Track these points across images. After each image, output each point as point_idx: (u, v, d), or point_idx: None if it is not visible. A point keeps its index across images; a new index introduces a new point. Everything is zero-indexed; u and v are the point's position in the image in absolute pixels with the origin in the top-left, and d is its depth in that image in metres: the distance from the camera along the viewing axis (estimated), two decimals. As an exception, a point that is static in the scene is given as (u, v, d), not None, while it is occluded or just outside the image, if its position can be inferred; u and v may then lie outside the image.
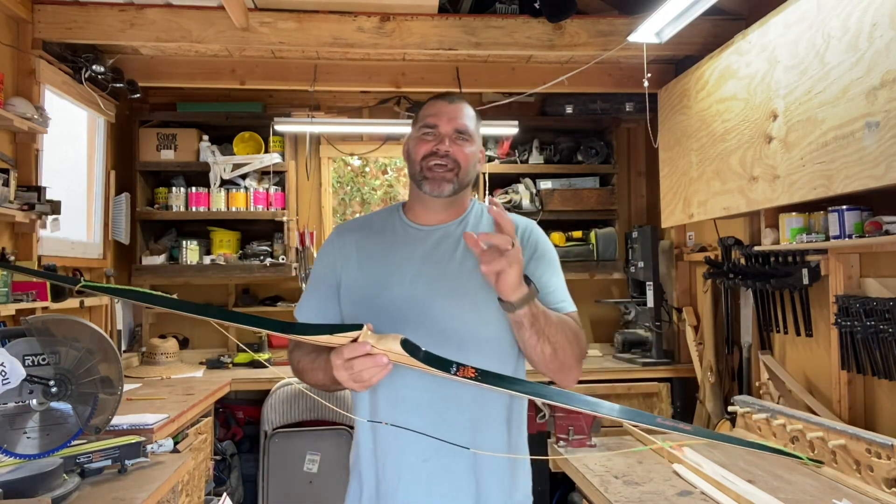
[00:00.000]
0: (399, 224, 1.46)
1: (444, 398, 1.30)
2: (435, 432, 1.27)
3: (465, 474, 1.32)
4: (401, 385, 1.30)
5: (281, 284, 3.97)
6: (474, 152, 1.42)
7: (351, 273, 1.41)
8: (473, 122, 1.43)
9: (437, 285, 1.35)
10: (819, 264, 2.38)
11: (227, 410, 3.58)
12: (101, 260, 3.41)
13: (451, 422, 1.30)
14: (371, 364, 1.10)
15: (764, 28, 2.43)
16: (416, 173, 1.40)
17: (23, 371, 1.61)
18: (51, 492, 1.47)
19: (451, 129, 1.38)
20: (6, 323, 2.42)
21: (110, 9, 2.91)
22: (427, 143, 1.39)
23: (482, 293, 1.31)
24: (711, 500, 1.62)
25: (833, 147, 2.03)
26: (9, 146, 2.66)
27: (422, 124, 1.41)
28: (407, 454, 1.31)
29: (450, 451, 1.27)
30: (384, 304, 1.34)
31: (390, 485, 1.32)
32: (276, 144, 3.76)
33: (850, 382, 2.22)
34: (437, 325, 1.31)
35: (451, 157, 1.37)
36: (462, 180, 1.39)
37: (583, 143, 3.95)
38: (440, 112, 1.40)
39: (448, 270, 1.36)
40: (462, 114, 1.40)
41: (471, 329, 1.32)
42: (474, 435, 1.31)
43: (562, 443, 2.10)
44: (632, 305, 3.78)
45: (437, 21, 3.06)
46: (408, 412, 1.30)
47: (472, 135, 1.41)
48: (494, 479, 1.35)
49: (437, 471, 1.31)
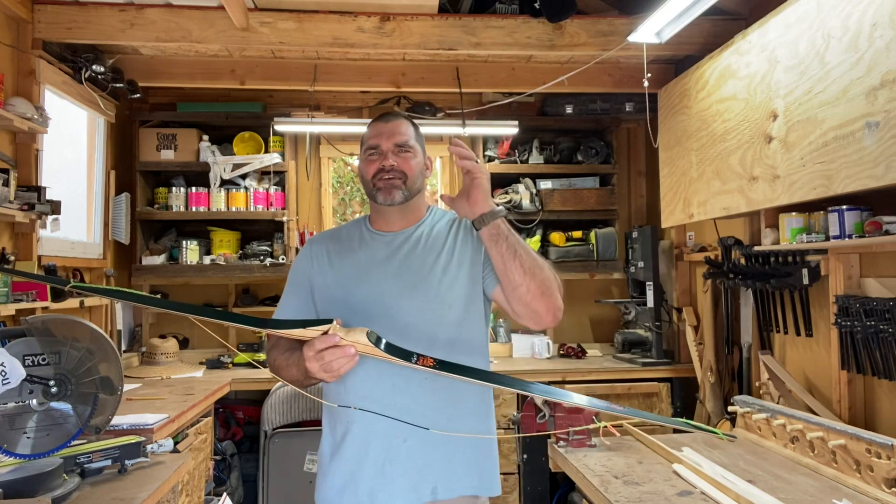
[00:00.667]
0: (366, 233, 1.61)
1: (421, 381, 1.42)
2: (409, 414, 1.39)
3: (443, 446, 1.43)
4: (375, 374, 1.42)
5: (281, 284, 3.90)
6: (419, 162, 1.55)
7: (323, 276, 1.55)
8: (413, 135, 1.56)
9: (401, 282, 1.48)
10: (819, 264, 2.38)
11: (227, 410, 3.58)
12: (101, 260, 3.41)
13: (426, 402, 1.43)
14: (340, 355, 1.21)
15: (764, 28, 2.43)
16: (370, 190, 1.54)
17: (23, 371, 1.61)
18: (51, 492, 1.47)
19: (392, 144, 1.52)
20: (6, 323, 2.42)
21: (110, 9, 2.91)
22: (373, 163, 1.52)
23: (443, 285, 1.46)
24: (711, 500, 1.62)
25: (833, 147, 2.03)
26: (9, 146, 2.66)
27: (366, 147, 1.55)
28: (390, 437, 1.42)
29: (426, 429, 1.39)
30: (354, 301, 1.47)
31: (374, 464, 1.43)
32: (276, 144, 3.76)
33: (850, 382, 2.22)
34: (404, 317, 1.44)
35: (396, 168, 1.51)
36: (410, 188, 1.53)
37: (583, 143, 3.94)
38: (380, 132, 1.53)
39: (411, 267, 1.50)
40: (399, 130, 1.54)
41: (435, 319, 1.45)
42: (448, 410, 1.44)
43: (562, 443, 2.10)
44: (632, 305, 3.78)
45: (437, 21, 3.06)
46: (385, 398, 1.42)
47: (413, 147, 1.54)
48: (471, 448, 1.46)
49: (415, 446, 1.42)
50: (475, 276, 1.50)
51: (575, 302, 4.11)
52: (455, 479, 1.44)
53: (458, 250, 1.52)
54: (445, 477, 1.43)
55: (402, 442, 1.42)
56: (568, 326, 4.12)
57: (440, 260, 1.50)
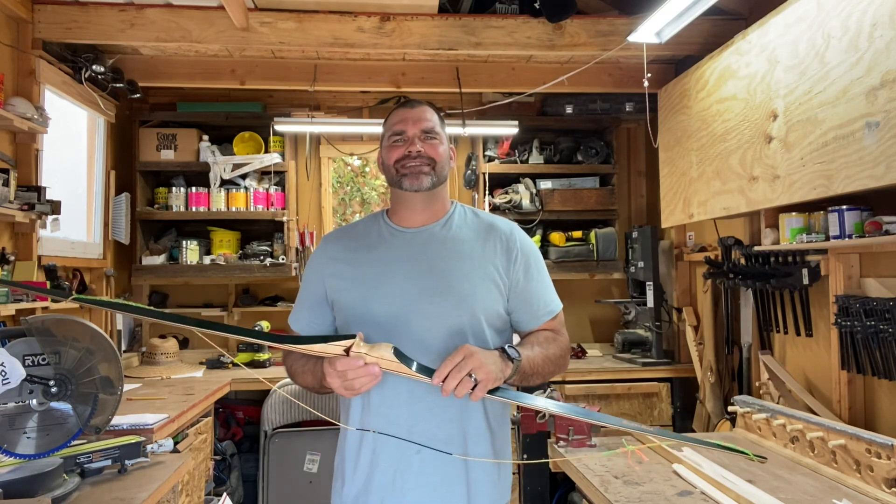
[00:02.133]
0: (385, 228, 1.51)
1: (432, 391, 1.36)
2: (423, 424, 1.35)
3: (457, 463, 1.38)
4: (391, 380, 1.33)
5: (281, 284, 3.97)
6: (445, 150, 1.49)
7: (339, 278, 1.46)
8: (438, 122, 1.50)
9: (427, 286, 1.40)
10: (819, 264, 2.38)
11: (227, 410, 3.58)
12: (101, 260, 3.41)
13: (441, 413, 1.37)
14: (363, 374, 1.17)
15: (764, 28, 2.43)
16: (394, 176, 1.46)
17: (23, 371, 1.61)
18: (51, 492, 1.47)
19: (419, 130, 1.45)
20: (6, 323, 2.42)
21: (110, 9, 2.91)
22: (398, 149, 1.45)
23: (471, 291, 1.39)
24: (711, 500, 1.62)
25: (833, 147, 2.03)
26: (9, 146, 2.66)
27: (390, 133, 1.48)
28: (402, 447, 1.37)
29: (440, 441, 1.36)
30: (373, 304, 1.40)
31: (385, 476, 1.38)
32: (276, 144, 3.76)
33: (850, 382, 2.22)
34: (424, 322, 1.37)
35: (424, 154, 1.44)
36: (439, 174, 1.46)
37: (583, 143, 3.95)
38: (405, 118, 1.46)
39: (436, 270, 1.41)
40: (426, 116, 1.47)
41: (459, 326, 1.38)
42: (463, 423, 1.39)
43: (562, 443, 2.10)
44: (632, 305, 3.78)
45: (437, 21, 3.06)
46: (400, 406, 1.36)
47: (440, 134, 1.48)
48: (485, 466, 1.42)
49: (427, 459, 1.37)
50: (500, 293, 1.44)
51: (575, 302, 4.12)
52: (469, 498, 1.39)
53: (484, 259, 1.44)
54: (459, 497, 1.38)
55: (414, 454, 1.36)
56: (568, 326, 4.07)
57: (464, 265, 1.42)
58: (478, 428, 1.41)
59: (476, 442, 1.40)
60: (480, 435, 1.41)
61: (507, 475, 1.50)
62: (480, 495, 1.40)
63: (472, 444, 1.39)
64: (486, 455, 1.41)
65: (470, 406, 1.40)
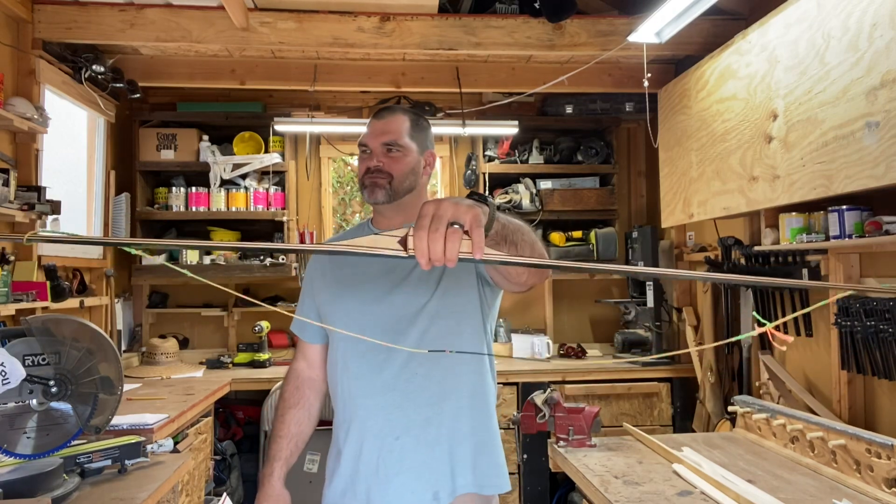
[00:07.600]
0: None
1: (410, 377, 1.44)
2: (398, 411, 1.43)
3: (437, 445, 1.43)
4: (365, 370, 1.45)
5: (281, 284, 3.97)
6: (410, 161, 1.52)
7: (326, 283, 1.57)
8: (406, 131, 1.52)
9: (406, 279, 1.47)
10: (819, 264, 2.38)
11: (227, 410, 3.58)
12: (101, 260, 3.40)
13: (415, 399, 1.43)
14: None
15: (764, 28, 2.43)
16: (361, 188, 1.56)
17: (23, 371, 1.61)
18: (51, 492, 1.47)
19: (379, 144, 1.51)
20: (6, 323, 2.42)
21: (110, 9, 2.91)
22: (364, 162, 1.53)
23: (450, 279, 1.46)
24: (711, 500, 1.62)
25: (833, 147, 2.03)
26: (9, 146, 2.66)
27: (359, 144, 1.56)
28: (383, 435, 1.44)
29: (418, 425, 1.42)
30: (353, 304, 1.49)
31: (369, 465, 1.44)
32: (276, 144, 3.76)
33: (850, 382, 2.22)
34: (404, 311, 1.45)
35: (382, 169, 1.50)
36: (395, 188, 1.50)
37: (583, 143, 3.94)
38: (371, 131, 1.53)
39: (416, 272, 1.48)
40: (390, 128, 1.51)
41: (441, 313, 1.44)
42: (439, 405, 1.44)
43: (562, 443, 2.10)
44: (632, 305, 3.78)
45: (437, 21, 3.06)
46: (374, 396, 1.44)
47: (404, 145, 1.51)
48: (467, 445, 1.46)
49: (408, 445, 1.43)
50: (472, 283, 1.49)
51: (575, 302, 4.12)
52: (453, 478, 1.43)
53: None
54: (443, 477, 1.42)
55: (394, 440, 1.42)
56: (568, 326, 4.12)
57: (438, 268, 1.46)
58: (456, 408, 1.45)
59: (455, 419, 1.45)
60: (460, 413, 1.46)
61: (496, 456, 1.51)
62: (465, 476, 1.44)
63: (450, 423, 1.44)
64: (467, 433, 1.45)
65: (445, 387, 1.45)
